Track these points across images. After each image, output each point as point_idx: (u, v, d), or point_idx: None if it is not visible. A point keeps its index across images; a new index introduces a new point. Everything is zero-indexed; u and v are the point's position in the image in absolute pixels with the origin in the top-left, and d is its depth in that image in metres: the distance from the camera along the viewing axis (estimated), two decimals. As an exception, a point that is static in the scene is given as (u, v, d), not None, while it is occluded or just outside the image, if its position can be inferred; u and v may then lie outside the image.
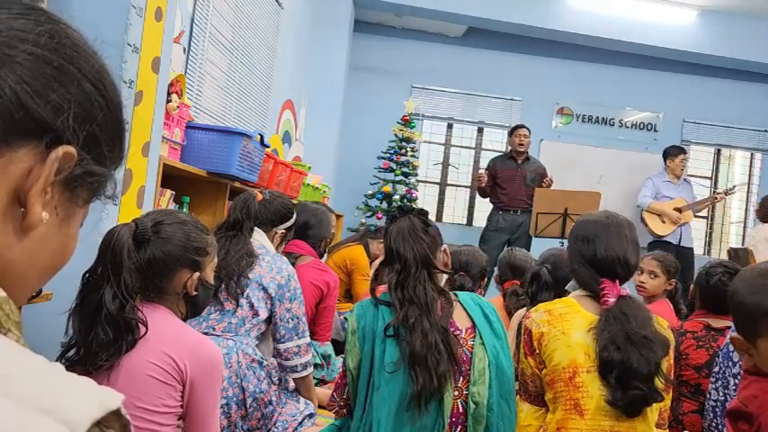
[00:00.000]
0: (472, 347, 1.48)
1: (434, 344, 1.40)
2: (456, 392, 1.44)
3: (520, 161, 5.45)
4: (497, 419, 1.44)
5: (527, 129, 5.55)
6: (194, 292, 1.44)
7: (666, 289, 2.88)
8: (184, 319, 1.47)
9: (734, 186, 6.22)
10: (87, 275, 1.34)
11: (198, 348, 1.36)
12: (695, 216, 6.06)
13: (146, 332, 1.31)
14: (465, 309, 1.54)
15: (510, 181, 5.37)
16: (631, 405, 1.43)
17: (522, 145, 5.44)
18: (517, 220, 5.34)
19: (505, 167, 5.45)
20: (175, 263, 1.41)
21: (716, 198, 5.90)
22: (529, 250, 5.00)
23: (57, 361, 1.33)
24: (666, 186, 5.83)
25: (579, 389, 1.49)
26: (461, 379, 1.46)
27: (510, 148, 5.59)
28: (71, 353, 1.33)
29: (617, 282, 1.53)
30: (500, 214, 5.38)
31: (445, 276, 1.63)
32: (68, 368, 1.28)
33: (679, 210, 5.69)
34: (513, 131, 5.57)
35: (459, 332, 1.49)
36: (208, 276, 1.48)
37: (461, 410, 1.44)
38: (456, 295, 1.58)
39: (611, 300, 1.50)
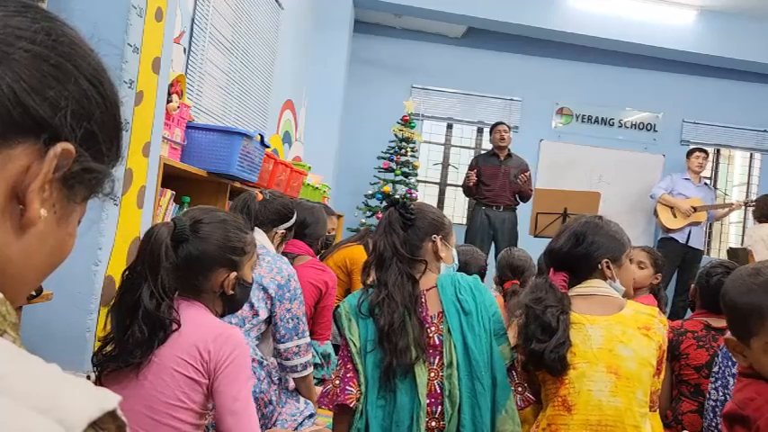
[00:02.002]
0: (442, 332, 1.58)
1: (398, 321, 1.53)
2: (432, 374, 1.54)
3: (503, 158, 5.44)
4: (470, 399, 1.52)
5: (506, 125, 5.56)
6: (231, 291, 1.44)
7: (652, 283, 2.89)
8: (221, 317, 1.47)
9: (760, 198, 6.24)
10: (126, 273, 1.35)
11: (220, 331, 1.36)
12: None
13: (177, 328, 1.32)
14: (439, 292, 1.62)
15: (494, 178, 5.36)
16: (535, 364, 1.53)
17: (502, 140, 5.42)
18: (500, 217, 5.35)
19: (489, 165, 5.43)
20: (212, 262, 1.41)
21: (733, 206, 5.92)
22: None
23: (94, 355, 1.35)
24: (684, 184, 5.85)
25: (566, 385, 1.51)
26: (436, 361, 1.56)
27: (492, 145, 5.59)
28: (107, 348, 1.34)
29: (552, 270, 1.64)
30: (483, 210, 5.38)
31: (444, 265, 1.71)
32: (101, 363, 1.29)
33: (694, 208, 5.70)
34: (492, 128, 5.56)
35: (430, 318, 1.59)
36: (246, 275, 1.48)
37: (438, 391, 1.53)
38: (438, 278, 1.67)
39: None
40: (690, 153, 5.97)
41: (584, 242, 1.63)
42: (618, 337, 1.51)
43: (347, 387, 1.58)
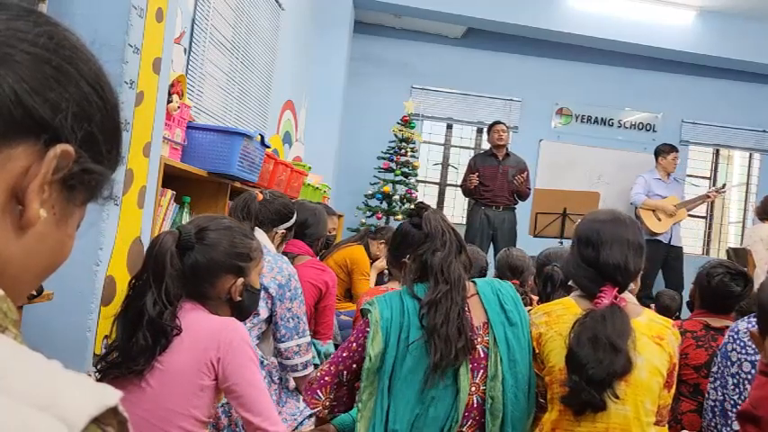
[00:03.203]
0: (488, 343, 1.51)
1: (454, 319, 1.46)
2: (473, 388, 1.48)
3: (501, 158, 5.43)
4: (513, 411, 1.48)
5: (504, 124, 5.54)
6: (238, 298, 1.45)
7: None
8: None
9: (723, 185, 6.22)
10: (133, 281, 1.37)
11: (222, 325, 1.38)
12: (690, 215, 6.06)
13: (178, 333, 1.33)
14: (482, 301, 1.56)
15: (492, 178, 5.35)
16: (570, 402, 1.41)
17: (500, 139, 5.40)
18: (500, 217, 5.34)
19: (487, 165, 5.41)
20: (219, 269, 1.42)
21: (708, 196, 5.90)
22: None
23: (98, 362, 1.36)
24: (657, 184, 5.83)
25: None
26: (479, 374, 1.49)
27: (489, 145, 5.56)
28: (112, 356, 1.36)
29: (617, 289, 1.50)
30: (482, 209, 5.37)
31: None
32: (105, 370, 1.31)
33: (675, 206, 5.69)
34: (490, 128, 5.53)
35: (476, 329, 1.52)
36: (253, 281, 1.50)
37: (476, 405, 1.48)
38: (475, 283, 1.60)
39: (603, 303, 1.46)
40: (666, 153, 5.81)
41: (643, 253, 1.55)
42: (631, 344, 1.46)
43: (318, 391, 1.53)
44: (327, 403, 1.56)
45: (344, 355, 1.56)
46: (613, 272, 1.50)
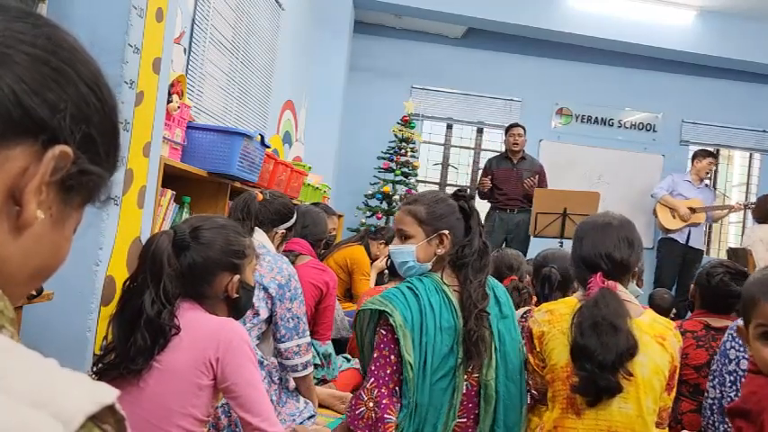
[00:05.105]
0: None
1: (483, 320, 1.53)
2: (465, 375, 1.54)
3: (515, 161, 5.43)
4: (504, 399, 1.54)
5: (522, 128, 5.51)
6: (235, 295, 1.46)
7: None
8: None
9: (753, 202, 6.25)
10: (128, 282, 1.37)
11: (220, 325, 1.39)
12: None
13: (176, 333, 1.33)
14: None
15: (506, 181, 5.35)
16: (586, 390, 1.43)
17: (516, 144, 5.40)
18: (513, 219, 5.34)
19: (501, 167, 5.43)
20: (215, 267, 1.44)
21: (733, 207, 5.92)
22: (527, 250, 5.01)
23: (94, 365, 1.37)
24: (685, 186, 5.85)
25: None
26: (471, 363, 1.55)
27: (505, 147, 5.58)
28: (109, 357, 1.36)
29: (600, 274, 1.53)
30: (497, 213, 5.38)
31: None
32: (102, 371, 1.31)
33: (693, 209, 5.70)
34: (507, 130, 5.53)
35: None
36: (248, 278, 1.51)
37: (465, 392, 1.53)
38: None
39: (593, 291, 1.50)
40: (701, 158, 5.86)
41: (634, 246, 1.59)
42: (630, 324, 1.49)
43: (386, 415, 1.48)
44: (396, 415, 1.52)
45: (388, 372, 1.51)
46: (597, 259, 1.56)
